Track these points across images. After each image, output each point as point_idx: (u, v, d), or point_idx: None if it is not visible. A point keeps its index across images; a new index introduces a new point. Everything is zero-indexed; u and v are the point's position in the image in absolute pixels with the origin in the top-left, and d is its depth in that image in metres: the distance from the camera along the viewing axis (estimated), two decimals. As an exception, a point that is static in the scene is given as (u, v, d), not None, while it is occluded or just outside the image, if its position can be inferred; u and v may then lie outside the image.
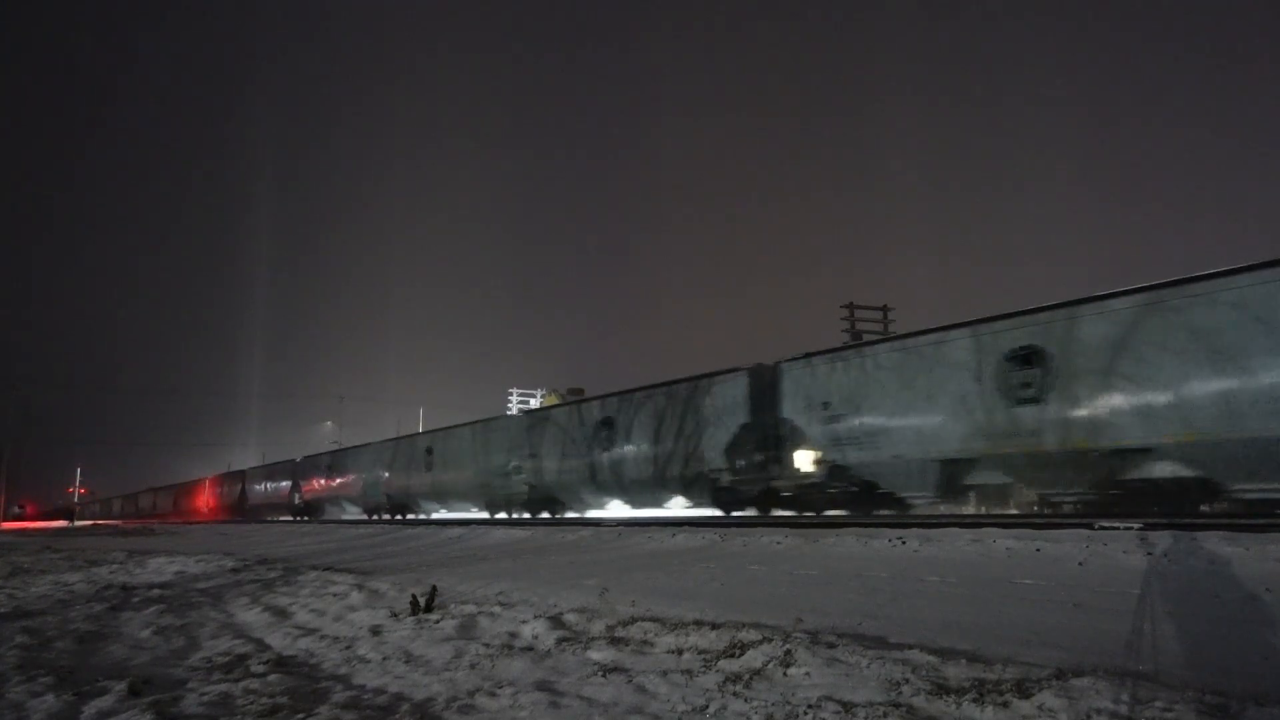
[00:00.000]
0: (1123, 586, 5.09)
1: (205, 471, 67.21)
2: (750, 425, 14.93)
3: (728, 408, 15.44)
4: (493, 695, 3.50)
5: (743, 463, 15.01)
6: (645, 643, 4.32)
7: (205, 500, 50.24)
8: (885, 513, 13.08)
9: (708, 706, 3.15)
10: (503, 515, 22.21)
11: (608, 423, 18.38)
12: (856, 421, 12.97)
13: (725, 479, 15.32)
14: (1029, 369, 10.89)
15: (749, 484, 14.94)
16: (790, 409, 14.17)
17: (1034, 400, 10.76)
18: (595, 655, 4.12)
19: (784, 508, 14.58)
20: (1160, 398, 9.62)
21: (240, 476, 44.90)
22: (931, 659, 3.54)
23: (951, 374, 11.69)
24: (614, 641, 4.37)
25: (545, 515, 20.71)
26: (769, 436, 14.57)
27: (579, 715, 3.21)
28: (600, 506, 19.74)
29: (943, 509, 12.85)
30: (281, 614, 6.24)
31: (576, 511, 20.28)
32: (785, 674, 3.50)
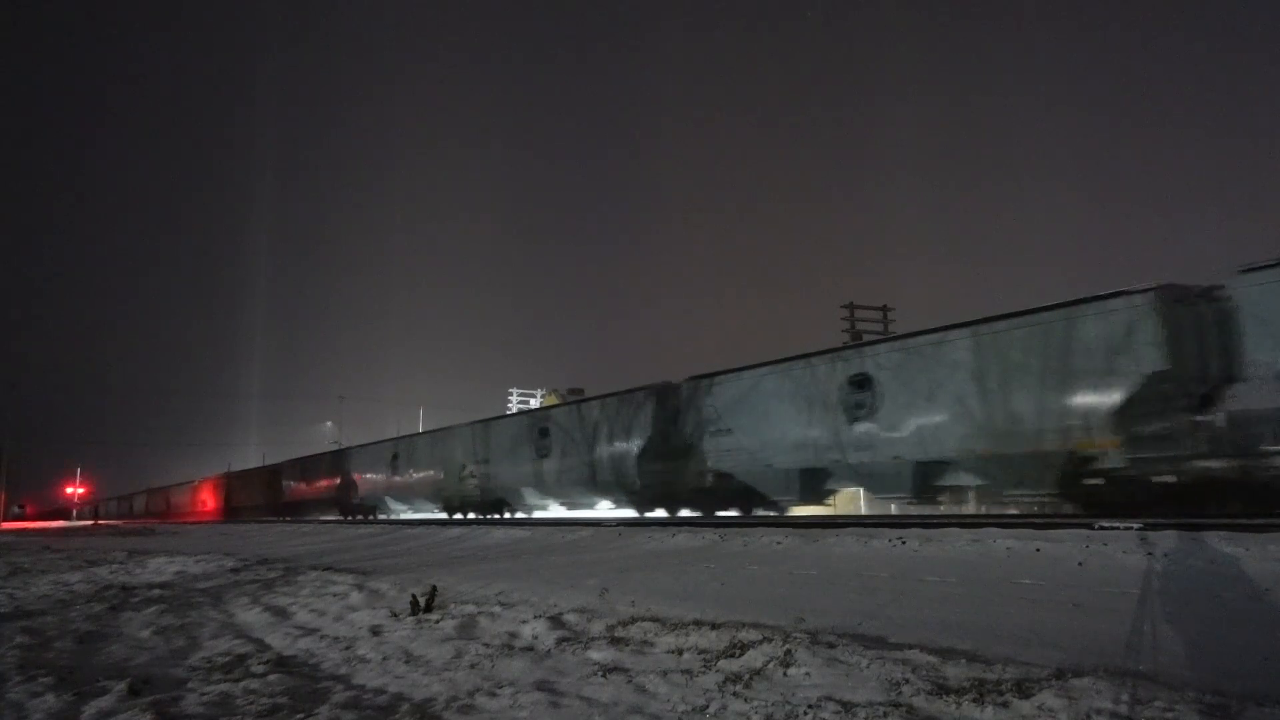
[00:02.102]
0: (1123, 586, 5.09)
1: (205, 471, 67.05)
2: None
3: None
4: (493, 695, 3.50)
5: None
6: (645, 643, 4.32)
7: (220, 499, 47.82)
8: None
9: (708, 706, 3.15)
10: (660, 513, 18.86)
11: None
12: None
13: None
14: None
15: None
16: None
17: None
18: (595, 655, 4.12)
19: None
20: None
21: (272, 472, 41.37)
22: (931, 659, 3.54)
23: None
24: (614, 641, 4.37)
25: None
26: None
27: (579, 715, 3.21)
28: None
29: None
30: (281, 614, 6.24)
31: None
32: (785, 674, 3.50)
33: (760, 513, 14.85)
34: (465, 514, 22.86)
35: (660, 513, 16.86)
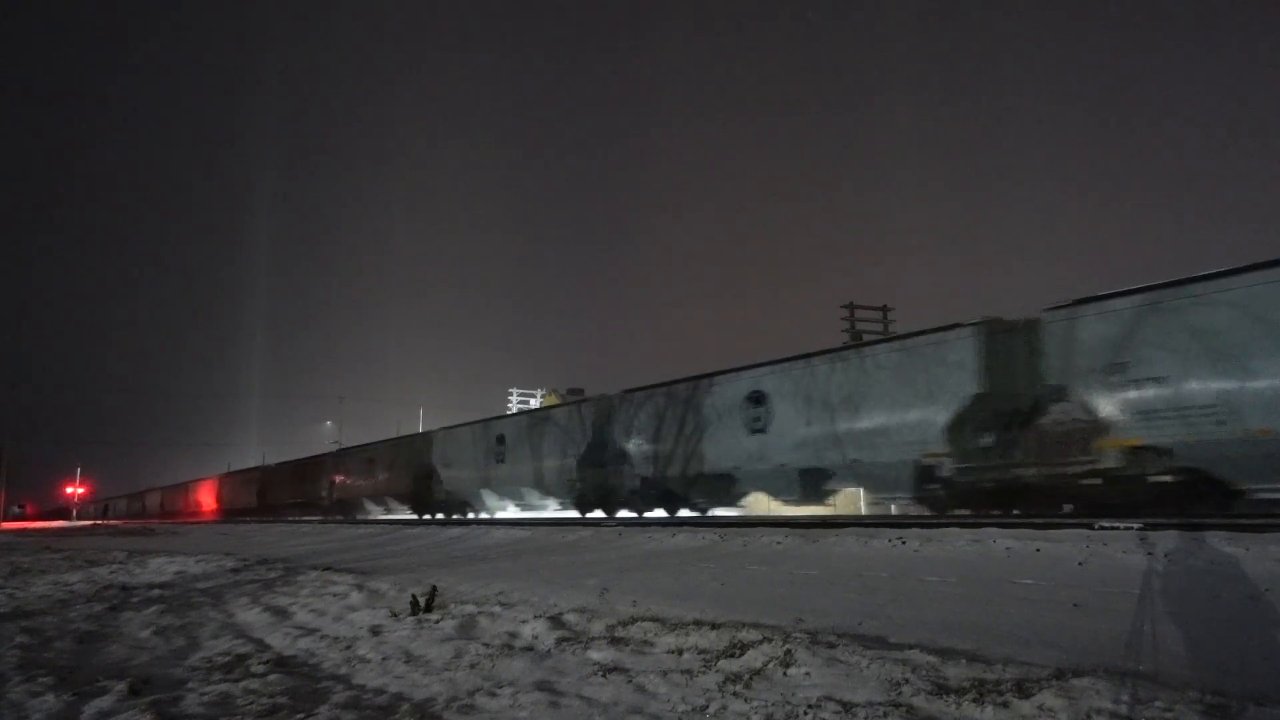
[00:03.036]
0: (1123, 586, 5.09)
1: (204, 471, 66.67)
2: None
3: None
4: (493, 695, 3.50)
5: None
6: (645, 643, 4.32)
7: (249, 496, 43.03)
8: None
9: (708, 706, 3.15)
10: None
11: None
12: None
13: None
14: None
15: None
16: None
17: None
18: (595, 655, 4.12)
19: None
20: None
21: (313, 465, 36.08)
22: (931, 659, 3.54)
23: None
24: (614, 641, 4.37)
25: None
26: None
27: (579, 715, 3.21)
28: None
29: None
30: (281, 614, 6.24)
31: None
32: (785, 674, 3.50)
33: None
34: (614, 512, 17.79)
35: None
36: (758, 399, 14.13)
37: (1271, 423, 8.47)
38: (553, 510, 20.44)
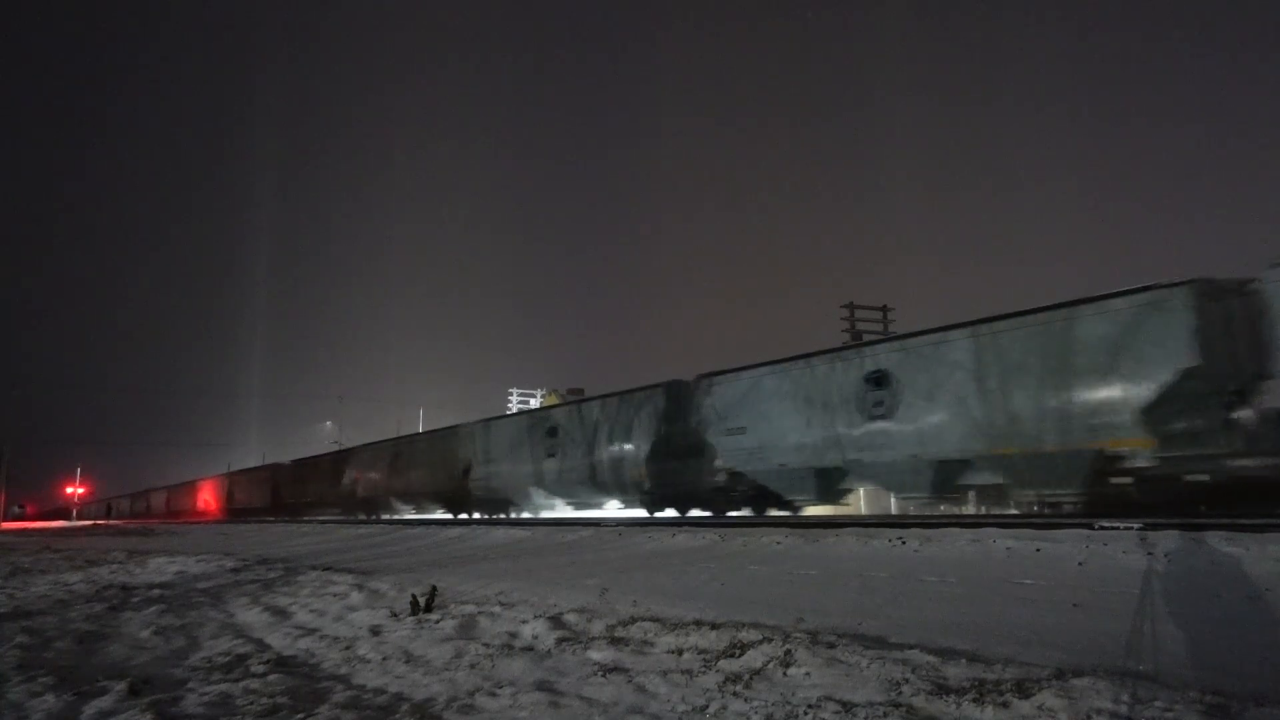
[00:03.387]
0: (1123, 586, 5.09)
1: (204, 471, 66.37)
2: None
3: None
4: (493, 695, 3.50)
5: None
6: (645, 643, 4.32)
7: (262, 495, 40.66)
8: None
9: (708, 706, 3.15)
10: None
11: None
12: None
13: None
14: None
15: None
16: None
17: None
18: (595, 655, 4.12)
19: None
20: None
21: (333, 462, 32.89)
22: (931, 659, 3.54)
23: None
24: (614, 641, 4.37)
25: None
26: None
27: (579, 715, 3.21)
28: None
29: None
30: (281, 614, 6.24)
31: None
32: (785, 674, 3.50)
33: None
34: (687, 511, 16.93)
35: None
36: (879, 380, 12.46)
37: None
38: (614, 509, 18.79)
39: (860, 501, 22.81)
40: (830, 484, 13.79)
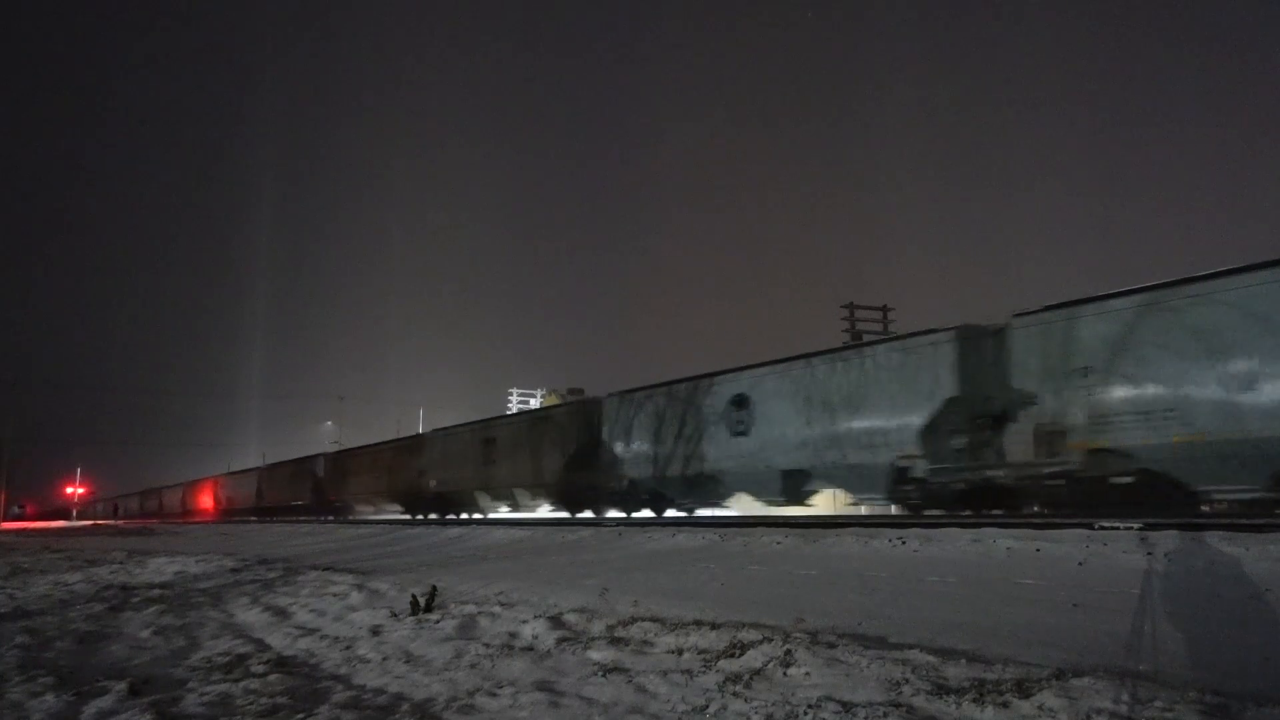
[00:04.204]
0: (1123, 586, 5.09)
1: (204, 471, 66.13)
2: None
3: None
4: (493, 695, 3.50)
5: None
6: (645, 643, 4.32)
7: (283, 492, 37.15)
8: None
9: (708, 706, 3.15)
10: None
11: (740, 401, 15.55)
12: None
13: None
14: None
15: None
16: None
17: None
18: (595, 655, 4.12)
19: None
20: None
21: (394, 452, 28.66)
22: (931, 659, 3.54)
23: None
24: (614, 641, 4.37)
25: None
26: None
27: (579, 715, 3.21)
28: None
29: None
30: (281, 614, 6.24)
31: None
32: (785, 674, 3.50)
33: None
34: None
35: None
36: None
37: None
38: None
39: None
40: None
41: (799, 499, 14.48)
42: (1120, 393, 9.99)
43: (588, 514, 18.94)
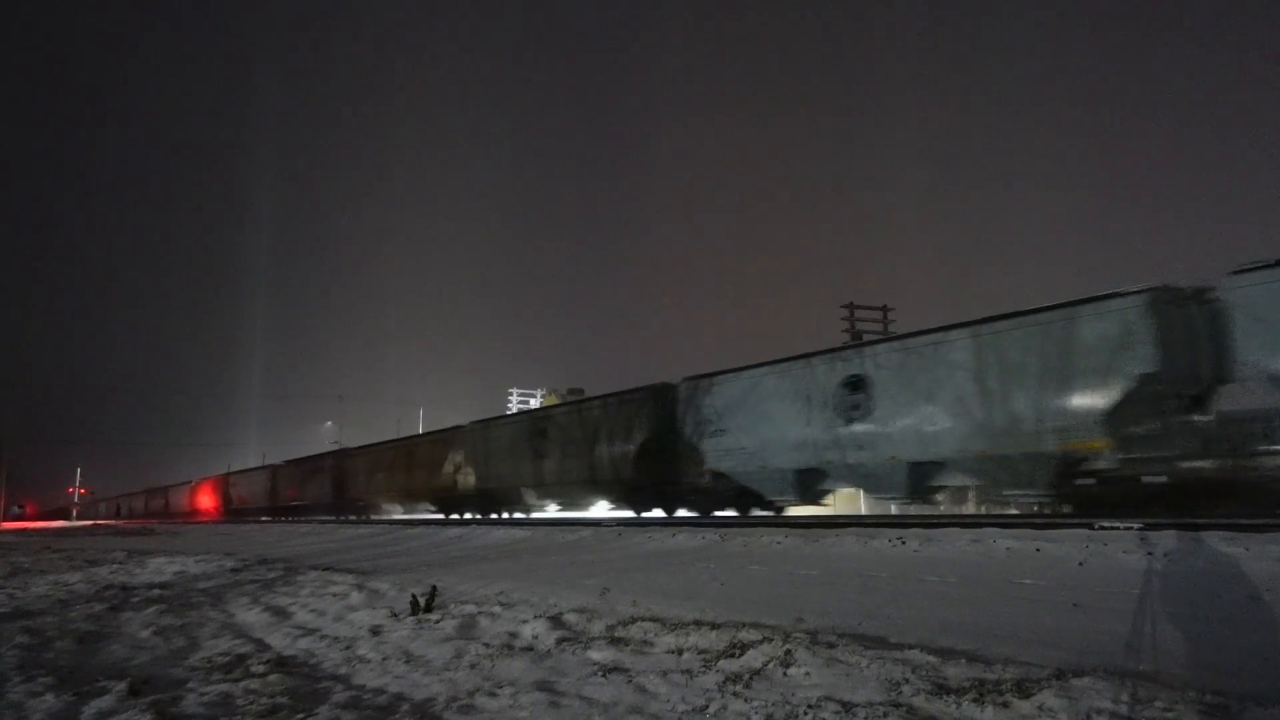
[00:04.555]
0: (1123, 586, 5.09)
1: (204, 471, 66.03)
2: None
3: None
4: (493, 695, 3.50)
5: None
6: (645, 643, 4.32)
7: (301, 490, 34.72)
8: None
9: (708, 706, 3.15)
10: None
11: (856, 384, 13.64)
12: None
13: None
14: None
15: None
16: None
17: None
18: (595, 655, 4.12)
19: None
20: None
21: (427, 446, 26.35)
22: (931, 659, 3.54)
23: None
24: (614, 641, 4.37)
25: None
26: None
27: (579, 715, 3.21)
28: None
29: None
30: (281, 614, 6.24)
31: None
32: (785, 674, 3.50)
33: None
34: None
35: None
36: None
37: None
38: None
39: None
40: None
41: (926, 495, 12.58)
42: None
43: (658, 513, 17.16)
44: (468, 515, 23.16)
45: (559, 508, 21.01)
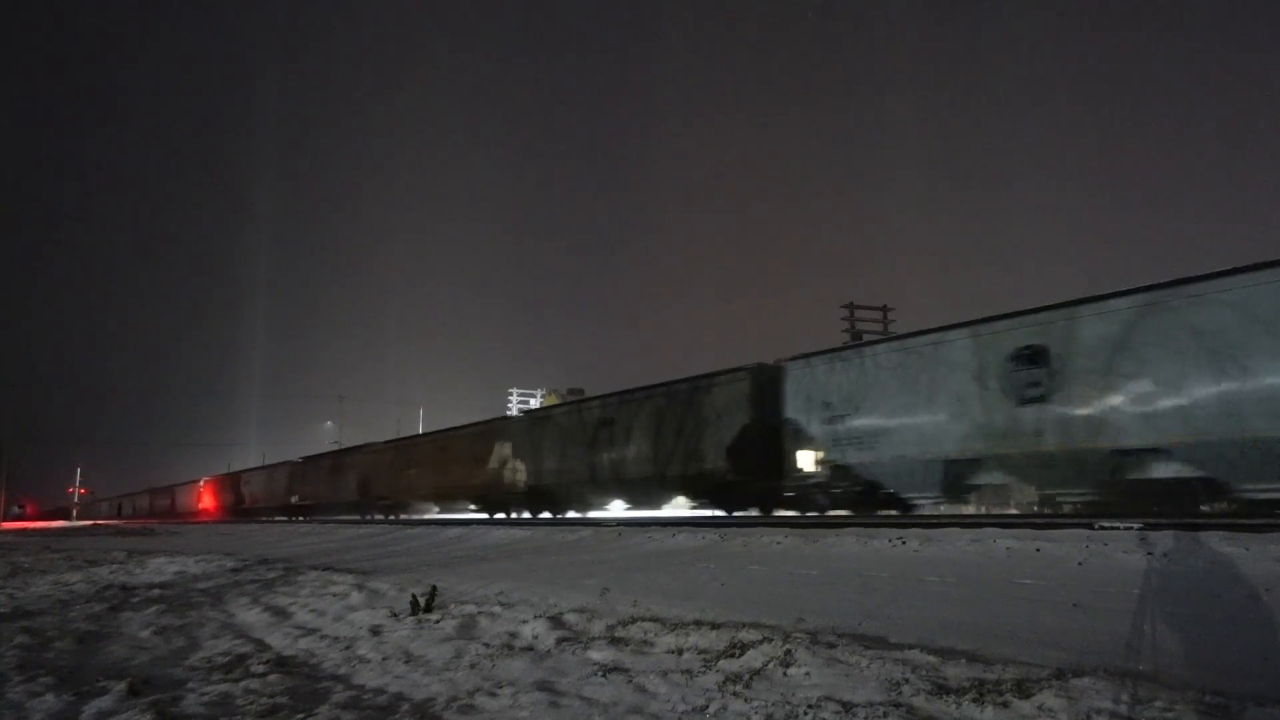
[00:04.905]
0: (1123, 586, 5.09)
1: (204, 471, 65.91)
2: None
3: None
4: (493, 695, 3.50)
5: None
6: (645, 643, 4.32)
7: (320, 489, 32.79)
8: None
9: (708, 706, 3.15)
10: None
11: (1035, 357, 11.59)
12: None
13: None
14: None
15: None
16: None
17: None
18: (595, 655, 4.12)
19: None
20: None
21: (471, 439, 23.94)
22: (931, 659, 3.54)
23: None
24: (614, 641, 4.37)
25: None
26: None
27: (579, 715, 3.21)
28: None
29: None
30: (281, 614, 6.24)
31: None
32: (785, 674, 3.50)
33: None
34: None
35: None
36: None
37: None
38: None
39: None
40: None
41: (1135, 491, 10.03)
42: None
43: (754, 512, 15.43)
44: (521, 515, 21.35)
45: (627, 507, 19.06)
